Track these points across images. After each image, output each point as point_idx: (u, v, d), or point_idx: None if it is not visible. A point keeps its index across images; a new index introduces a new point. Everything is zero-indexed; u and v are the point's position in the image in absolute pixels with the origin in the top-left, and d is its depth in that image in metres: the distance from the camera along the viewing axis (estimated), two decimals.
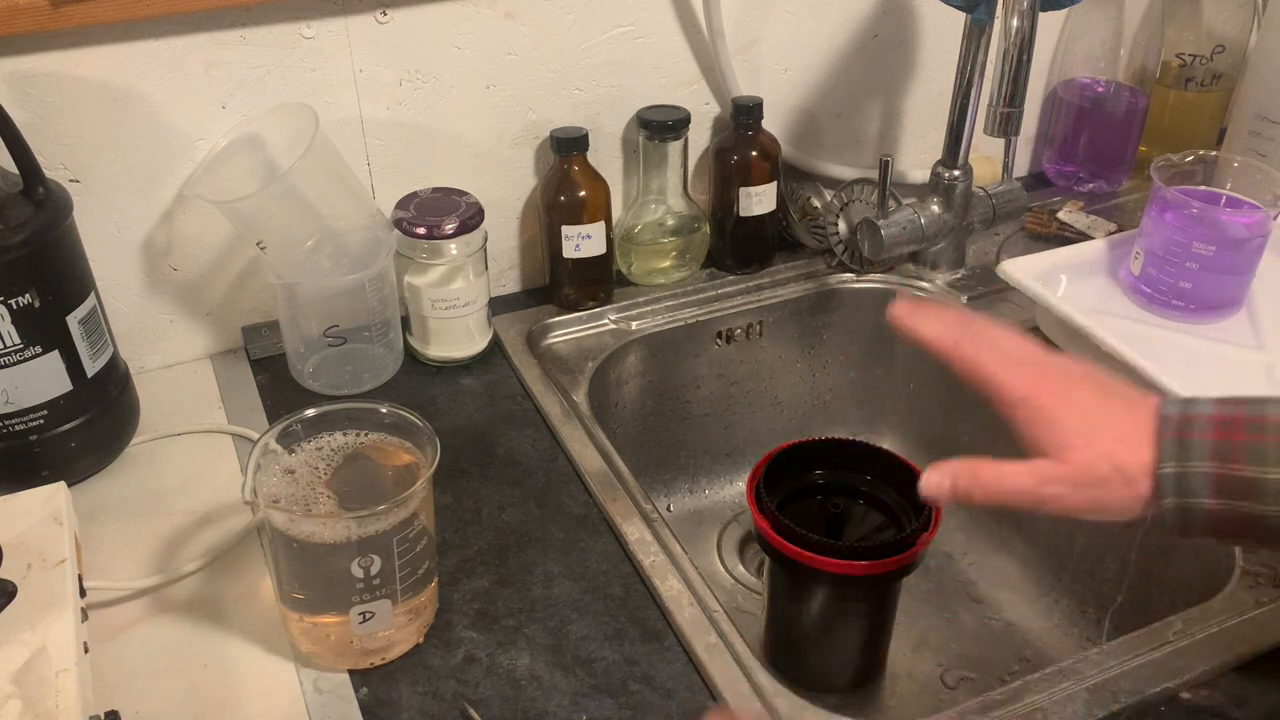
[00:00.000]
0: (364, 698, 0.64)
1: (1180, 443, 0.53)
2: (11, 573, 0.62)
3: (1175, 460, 0.53)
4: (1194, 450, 0.52)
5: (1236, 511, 0.52)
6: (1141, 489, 0.53)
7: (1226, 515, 0.52)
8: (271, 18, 0.83)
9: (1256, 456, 0.51)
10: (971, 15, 0.90)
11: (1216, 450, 0.52)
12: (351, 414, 0.66)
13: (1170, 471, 0.53)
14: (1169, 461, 0.53)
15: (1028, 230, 1.10)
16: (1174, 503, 0.53)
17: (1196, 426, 0.53)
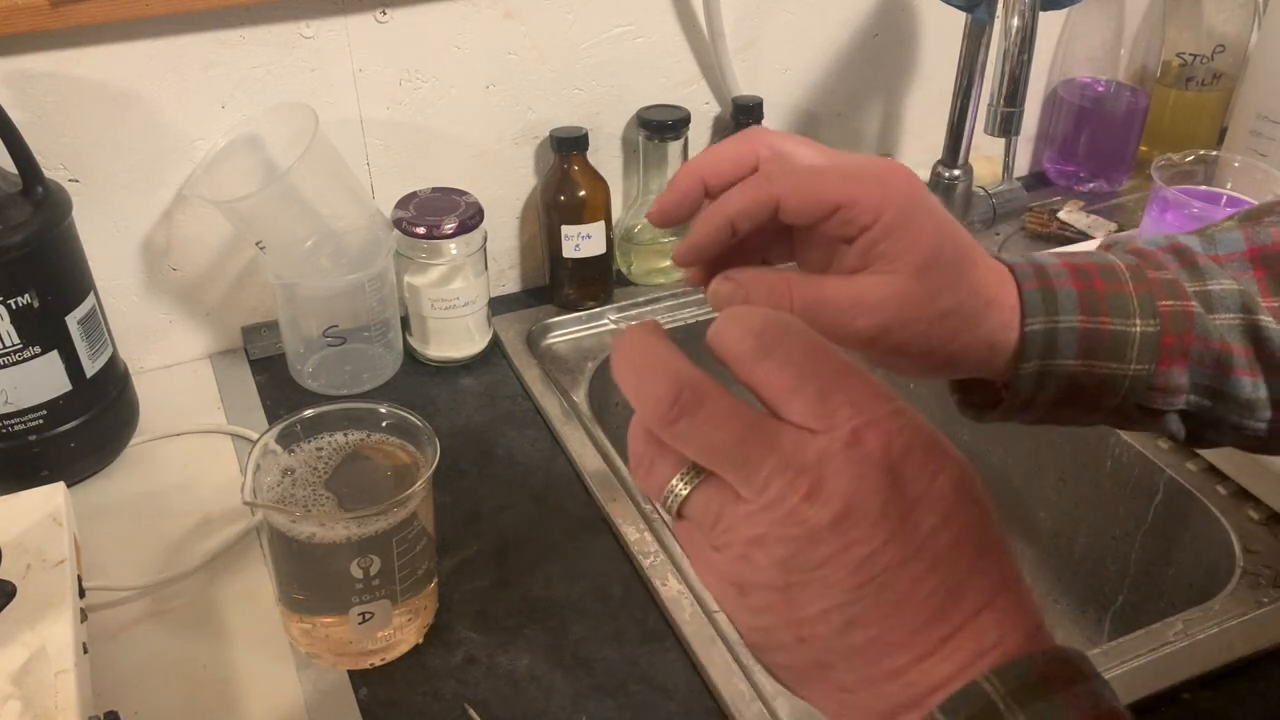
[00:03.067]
0: (364, 698, 0.64)
1: (1045, 294, 0.46)
2: (11, 573, 0.62)
3: (1043, 314, 0.45)
4: (1061, 301, 0.46)
5: (1093, 374, 0.46)
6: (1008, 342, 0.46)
7: (1081, 379, 0.46)
8: (271, 17, 0.83)
9: (1121, 308, 0.46)
10: (972, 15, 0.90)
11: (1083, 301, 0.46)
12: (351, 414, 0.66)
13: (1039, 328, 0.45)
14: (1035, 316, 0.45)
15: (1028, 230, 1.10)
16: (1036, 366, 0.46)
17: (1054, 275, 0.46)
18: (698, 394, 0.32)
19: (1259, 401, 0.48)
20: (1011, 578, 0.32)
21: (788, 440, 0.31)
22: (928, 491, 0.31)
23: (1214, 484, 0.78)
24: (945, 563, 0.31)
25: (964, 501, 0.32)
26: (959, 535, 0.31)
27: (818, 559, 0.31)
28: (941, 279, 0.43)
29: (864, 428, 0.31)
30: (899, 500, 0.31)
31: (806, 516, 0.31)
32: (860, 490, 0.31)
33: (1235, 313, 0.47)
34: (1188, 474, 0.79)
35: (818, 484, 0.31)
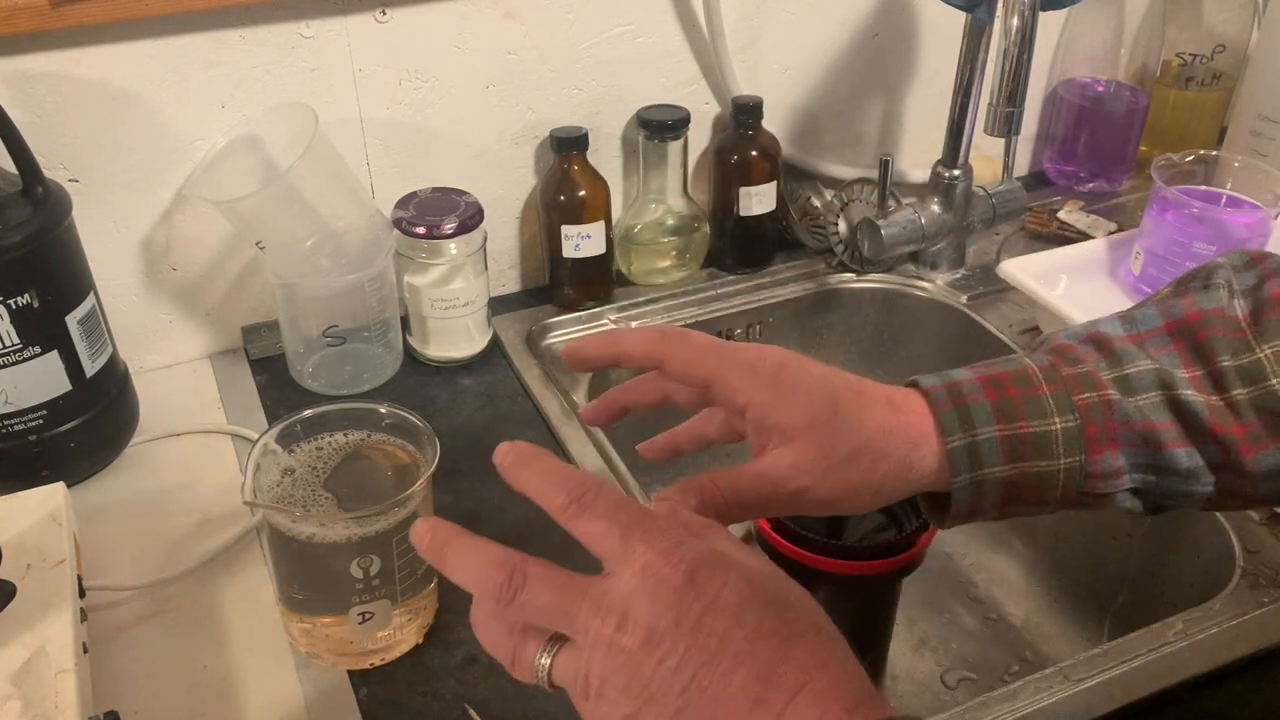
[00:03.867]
0: (364, 698, 0.64)
1: (960, 411, 0.49)
2: (11, 573, 0.62)
3: (960, 430, 0.48)
4: (975, 416, 0.49)
5: (1026, 474, 0.49)
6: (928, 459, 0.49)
7: (1016, 481, 0.49)
8: (271, 17, 0.83)
9: (1037, 410, 0.49)
10: (972, 14, 0.90)
11: (998, 411, 0.49)
12: (351, 414, 0.66)
13: (960, 445, 0.48)
14: (954, 434, 0.49)
15: (1028, 230, 1.10)
16: (967, 479, 0.49)
17: (967, 391, 0.49)
18: (522, 569, 0.39)
19: (1197, 469, 0.50)
20: (828, 659, 0.37)
21: (595, 587, 0.38)
22: (714, 602, 0.37)
23: None
24: (749, 656, 0.36)
25: (753, 602, 0.37)
26: (754, 632, 0.37)
27: (644, 679, 0.37)
28: (831, 433, 0.48)
29: (653, 559, 0.37)
30: (690, 613, 0.37)
31: (622, 645, 0.37)
32: (656, 612, 0.37)
33: (1155, 390, 0.50)
34: None
35: (624, 617, 0.37)
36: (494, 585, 0.39)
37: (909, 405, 0.50)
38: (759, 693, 0.36)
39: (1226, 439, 0.49)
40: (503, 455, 0.43)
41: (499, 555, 0.40)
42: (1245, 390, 0.49)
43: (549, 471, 0.41)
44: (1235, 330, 0.50)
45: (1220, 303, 0.51)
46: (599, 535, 0.39)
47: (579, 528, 0.39)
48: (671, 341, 0.52)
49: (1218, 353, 0.50)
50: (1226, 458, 0.49)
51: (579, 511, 0.39)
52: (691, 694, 0.36)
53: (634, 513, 0.39)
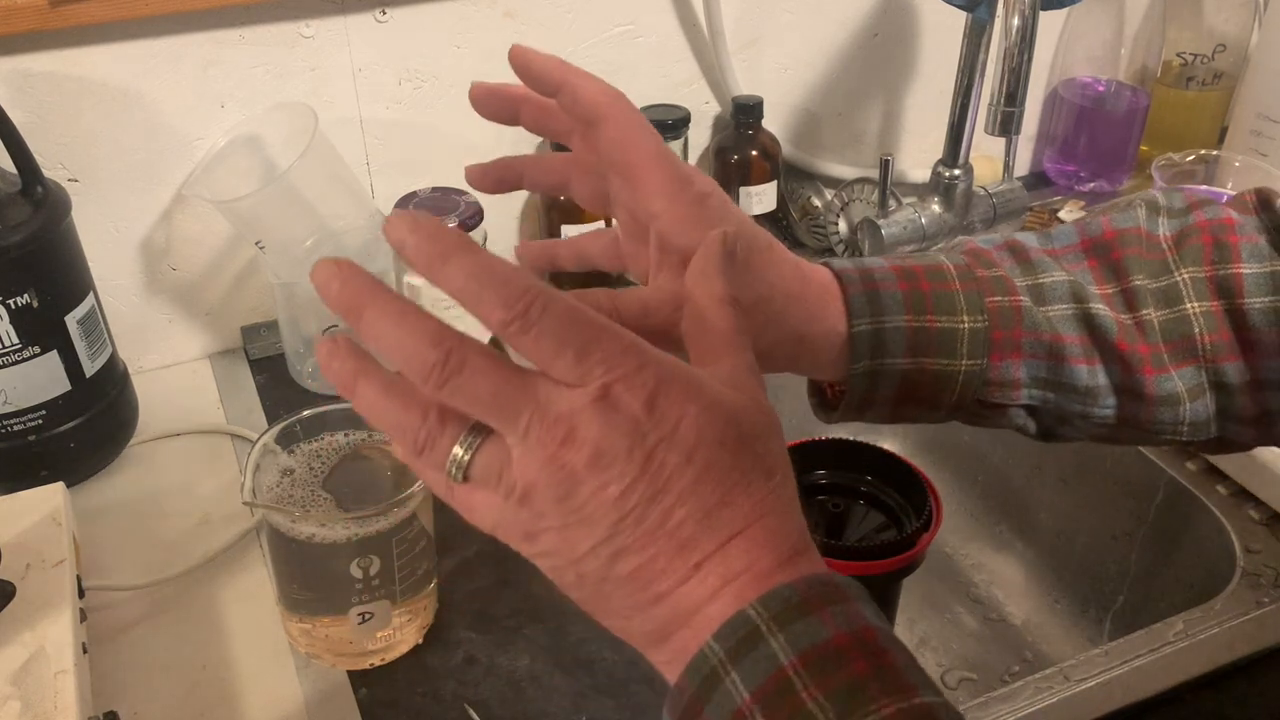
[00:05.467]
0: (363, 698, 0.64)
1: (870, 296, 0.47)
2: (10, 573, 0.62)
3: (869, 315, 0.47)
4: (886, 303, 0.47)
5: (925, 371, 0.47)
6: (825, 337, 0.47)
7: (914, 377, 0.48)
8: (270, 17, 0.83)
9: (948, 305, 0.47)
10: (972, 14, 0.90)
11: (909, 301, 0.47)
12: (351, 414, 0.66)
13: (866, 329, 0.47)
14: (862, 318, 0.47)
15: (1028, 229, 1.10)
16: (866, 366, 0.47)
17: (880, 278, 0.48)
18: (461, 351, 0.34)
19: (1099, 389, 0.49)
20: (770, 508, 0.35)
21: (543, 391, 0.34)
22: (671, 435, 0.34)
23: (1214, 484, 0.78)
24: (692, 496, 0.34)
25: (707, 442, 0.34)
26: (703, 472, 0.34)
27: (581, 499, 0.34)
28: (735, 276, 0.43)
29: (613, 383, 0.34)
30: (644, 443, 0.34)
31: (565, 460, 0.34)
32: (608, 436, 0.34)
33: (1067, 303, 0.48)
34: (1188, 474, 0.79)
35: (572, 431, 0.34)
36: (424, 362, 0.34)
37: (817, 278, 0.48)
38: (693, 534, 0.34)
39: (1131, 357, 0.48)
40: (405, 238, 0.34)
41: (433, 328, 0.34)
42: (1159, 312, 0.48)
43: (480, 271, 0.34)
44: (1155, 250, 0.50)
45: (1137, 221, 0.50)
46: (549, 355, 0.34)
47: (524, 345, 0.34)
48: (621, 105, 0.46)
49: (1131, 271, 0.49)
50: (1128, 378, 0.49)
51: (524, 328, 0.33)
52: (626, 524, 0.34)
53: (591, 327, 0.34)
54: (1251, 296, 0.47)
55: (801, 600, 0.33)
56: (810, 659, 0.32)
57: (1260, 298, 0.47)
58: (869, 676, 0.33)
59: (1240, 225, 0.49)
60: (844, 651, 0.33)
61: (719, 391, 0.36)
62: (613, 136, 0.45)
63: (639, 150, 0.45)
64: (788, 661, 0.32)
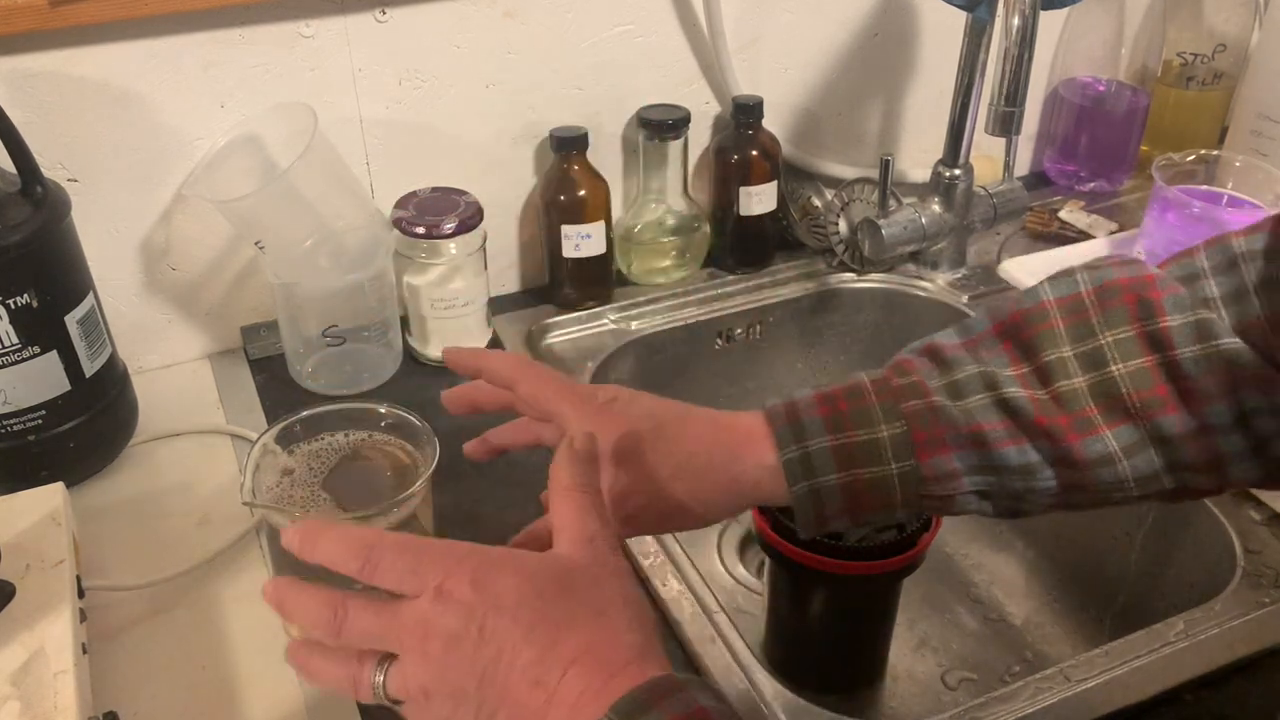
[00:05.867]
0: None
1: (793, 426, 0.53)
2: (10, 573, 0.62)
3: (794, 442, 0.53)
4: (808, 429, 0.53)
5: (862, 481, 0.52)
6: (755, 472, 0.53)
7: (855, 487, 0.52)
8: (270, 17, 0.83)
9: (865, 419, 0.52)
10: (972, 14, 0.90)
11: (829, 423, 0.52)
12: (350, 414, 0.66)
13: (793, 455, 0.52)
14: (788, 446, 0.53)
15: (1028, 229, 1.10)
16: (805, 487, 0.52)
17: (802, 408, 0.54)
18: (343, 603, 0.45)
19: (1032, 464, 0.52)
20: (600, 638, 0.43)
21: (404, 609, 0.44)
22: (496, 603, 0.43)
23: None
24: (525, 645, 0.42)
25: (531, 600, 0.43)
26: (530, 625, 0.42)
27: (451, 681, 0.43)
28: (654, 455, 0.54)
29: (442, 581, 0.43)
30: (475, 617, 0.42)
31: (430, 652, 0.43)
32: (450, 621, 0.43)
33: (981, 392, 0.52)
34: None
35: (428, 628, 0.43)
36: (323, 620, 0.44)
37: (741, 424, 0.55)
38: (537, 674, 0.41)
39: (1053, 429, 0.51)
40: (289, 541, 0.46)
41: (323, 594, 0.45)
42: (1084, 377, 0.51)
43: (336, 540, 0.45)
44: (1074, 313, 0.52)
45: (1039, 297, 0.53)
46: (396, 581, 0.44)
47: (380, 582, 0.44)
48: (525, 368, 0.59)
49: (1043, 348, 0.52)
50: (1055, 448, 0.51)
51: (373, 570, 0.44)
52: (486, 686, 0.42)
53: (416, 547, 0.44)
54: (1181, 347, 0.50)
55: (640, 701, 0.40)
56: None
57: (1189, 347, 0.50)
58: None
59: (1160, 279, 0.52)
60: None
61: (539, 560, 0.45)
62: (526, 393, 0.58)
63: (546, 393, 0.57)
64: None
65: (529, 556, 0.45)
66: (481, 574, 0.43)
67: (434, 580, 0.43)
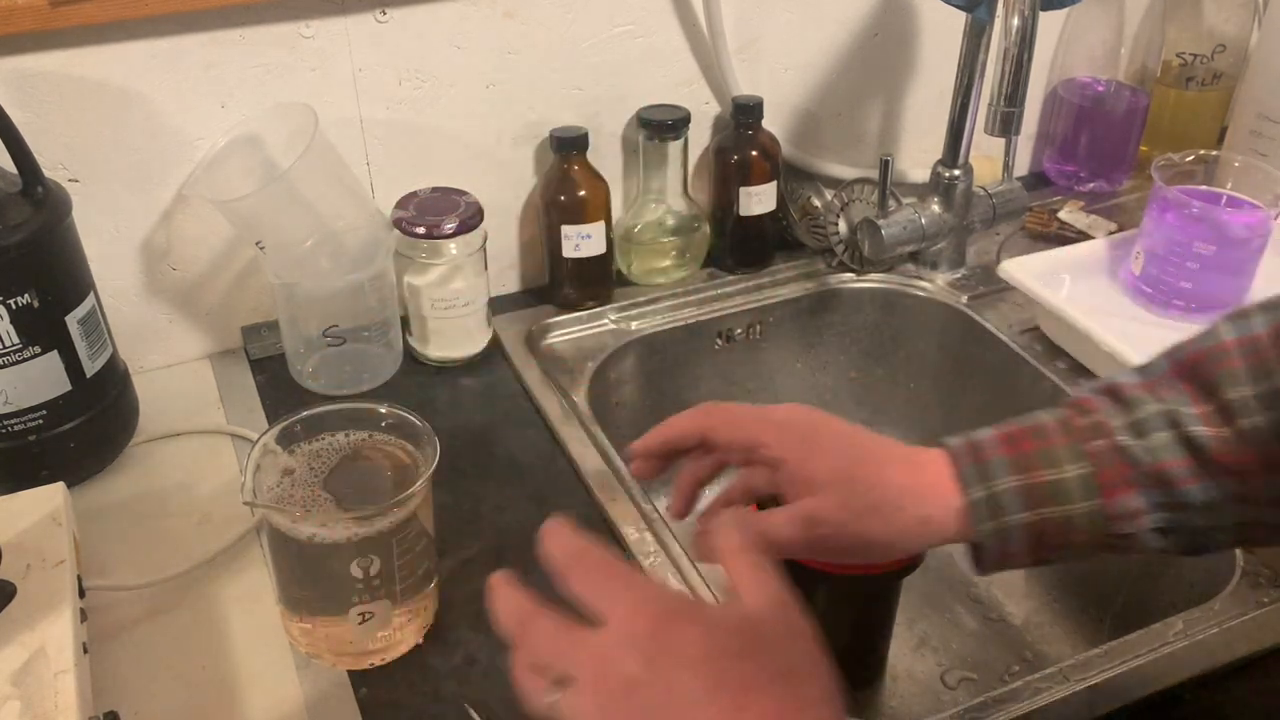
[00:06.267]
0: (364, 698, 0.64)
1: (978, 466, 0.54)
2: (10, 573, 0.62)
3: (980, 483, 0.54)
4: (994, 470, 0.54)
5: (1048, 521, 0.53)
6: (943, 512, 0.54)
7: (1040, 526, 0.53)
8: (271, 17, 0.83)
9: (1049, 460, 0.53)
10: (972, 14, 0.90)
11: (1014, 464, 0.54)
12: (351, 414, 0.66)
13: (980, 496, 0.54)
14: (974, 486, 0.54)
15: (1028, 230, 1.10)
16: (991, 527, 0.54)
17: (986, 448, 0.55)
18: (531, 620, 0.45)
19: (1214, 502, 0.53)
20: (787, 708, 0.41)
21: (588, 637, 0.43)
22: (682, 655, 0.42)
23: None
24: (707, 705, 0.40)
25: (717, 657, 0.42)
26: (715, 684, 0.41)
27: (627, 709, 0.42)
28: (852, 488, 0.55)
29: (627, 616, 0.43)
30: (660, 665, 0.41)
31: (609, 689, 0.42)
32: (630, 663, 0.42)
33: (1165, 430, 0.53)
34: None
35: (608, 664, 0.42)
36: (507, 628, 0.45)
37: (929, 464, 0.56)
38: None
39: (1235, 467, 0.52)
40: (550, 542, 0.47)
41: (515, 605, 0.45)
42: (1264, 416, 0.51)
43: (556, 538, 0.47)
44: (1251, 354, 0.52)
45: (1219, 338, 0.54)
46: (586, 593, 0.44)
47: (570, 591, 0.45)
48: (716, 415, 0.60)
49: (1223, 387, 0.52)
50: (1239, 487, 0.52)
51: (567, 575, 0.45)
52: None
53: (613, 570, 0.45)
54: None
55: None
56: None
57: None
58: None
59: None
60: None
61: (723, 613, 0.44)
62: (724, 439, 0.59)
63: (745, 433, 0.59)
64: None
65: (714, 609, 0.45)
66: (664, 619, 0.43)
67: (618, 611, 0.43)
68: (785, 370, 1.05)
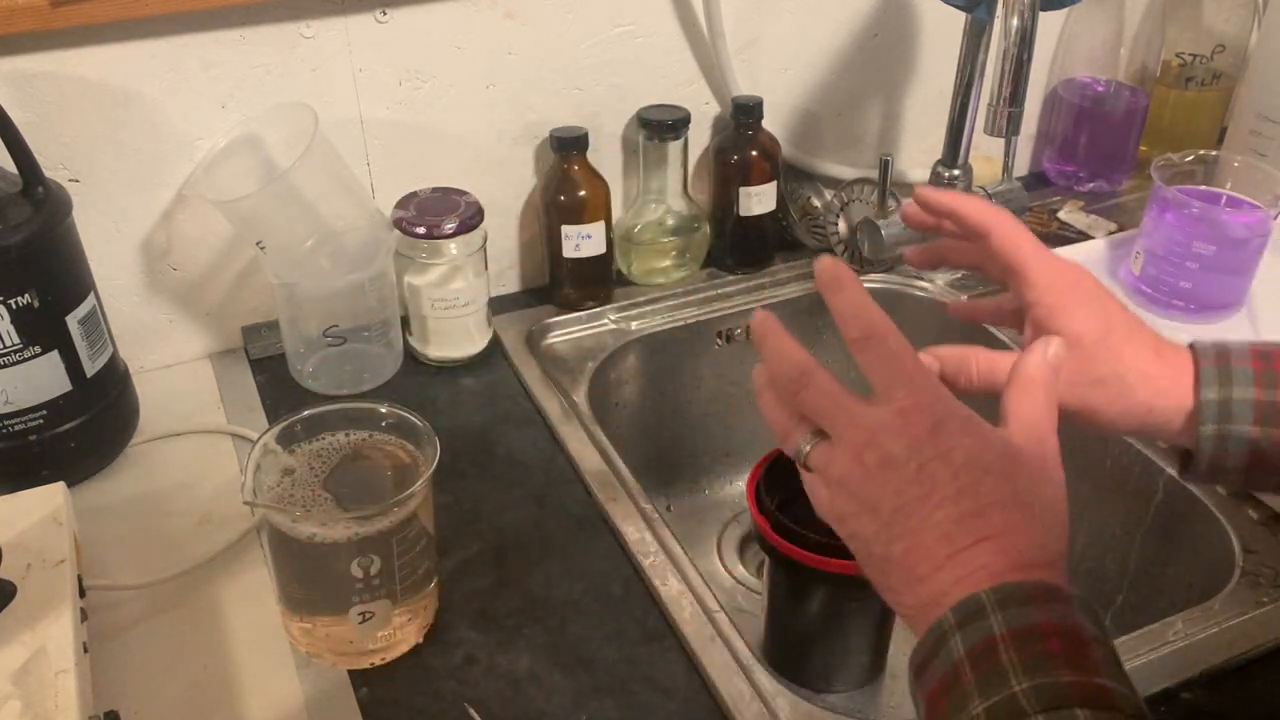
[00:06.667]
0: (364, 698, 0.64)
1: (1221, 370, 0.54)
2: (11, 573, 0.62)
3: (1218, 386, 0.54)
4: (1236, 377, 0.53)
5: (1274, 442, 0.52)
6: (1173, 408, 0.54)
7: (1263, 446, 0.53)
8: (271, 17, 0.83)
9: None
10: (972, 14, 0.90)
11: (1259, 377, 0.53)
12: (351, 414, 0.66)
13: (1213, 397, 0.53)
14: (1210, 386, 0.54)
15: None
16: (1213, 430, 0.53)
17: (1235, 355, 0.54)
18: (810, 374, 0.49)
19: None
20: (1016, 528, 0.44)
21: (859, 407, 0.47)
22: (946, 454, 0.45)
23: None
24: (951, 503, 0.44)
25: (974, 466, 0.45)
26: (964, 488, 0.44)
27: (871, 491, 0.46)
28: (1093, 354, 0.55)
29: (910, 408, 0.46)
30: (920, 456, 0.45)
31: (864, 460, 0.46)
32: (897, 445, 0.46)
33: None
34: None
35: (872, 438, 0.46)
36: (787, 378, 0.49)
37: (1173, 358, 0.56)
38: (950, 531, 0.44)
39: None
40: (823, 269, 0.50)
41: (797, 356, 0.49)
42: None
43: (851, 302, 0.49)
44: None
45: None
46: (875, 370, 0.47)
47: (861, 359, 0.48)
48: (1003, 218, 0.59)
49: None
50: None
51: (864, 346, 0.47)
52: (900, 514, 0.45)
53: (908, 361, 0.47)
54: None
55: (1025, 595, 0.41)
56: (1017, 633, 0.41)
57: None
58: (1060, 654, 0.40)
59: None
60: (1046, 634, 0.40)
61: (994, 434, 0.47)
62: (997, 243, 0.59)
63: (1017, 252, 0.58)
64: (999, 633, 0.41)
65: (987, 428, 0.47)
66: (943, 422, 0.46)
67: (901, 398, 0.46)
68: None
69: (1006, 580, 0.42)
